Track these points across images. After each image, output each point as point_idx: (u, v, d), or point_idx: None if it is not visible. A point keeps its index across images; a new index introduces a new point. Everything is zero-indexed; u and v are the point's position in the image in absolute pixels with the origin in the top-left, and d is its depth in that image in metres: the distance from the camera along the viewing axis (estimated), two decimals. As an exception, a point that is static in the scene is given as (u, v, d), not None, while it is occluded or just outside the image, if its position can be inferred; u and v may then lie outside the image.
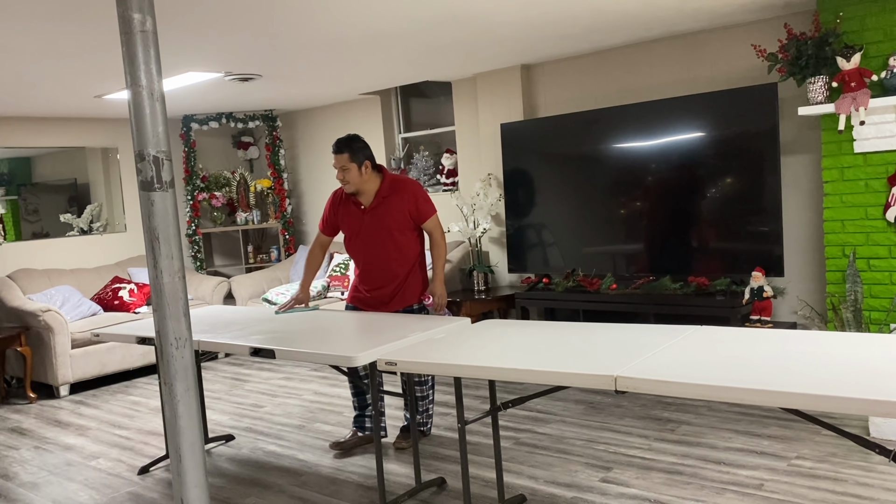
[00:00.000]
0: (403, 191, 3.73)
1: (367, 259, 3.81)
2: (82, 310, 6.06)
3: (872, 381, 1.96)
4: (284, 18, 3.80)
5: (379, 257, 3.76)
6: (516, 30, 4.51)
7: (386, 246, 3.74)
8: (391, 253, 3.74)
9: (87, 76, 4.85)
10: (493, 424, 3.07)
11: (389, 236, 3.73)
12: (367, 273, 3.83)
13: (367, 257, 3.80)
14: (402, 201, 3.72)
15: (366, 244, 3.78)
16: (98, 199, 7.03)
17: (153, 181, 2.07)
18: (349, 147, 3.68)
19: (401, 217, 3.73)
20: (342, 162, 3.68)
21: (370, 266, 3.81)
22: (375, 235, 3.74)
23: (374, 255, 3.77)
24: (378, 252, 3.76)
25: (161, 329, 2.10)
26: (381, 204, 3.72)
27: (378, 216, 3.73)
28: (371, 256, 3.78)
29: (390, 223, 3.72)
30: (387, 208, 3.72)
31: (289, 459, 3.93)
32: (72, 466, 4.07)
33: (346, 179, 3.69)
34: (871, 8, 3.98)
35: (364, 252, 3.80)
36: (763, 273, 4.47)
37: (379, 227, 3.72)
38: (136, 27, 2.02)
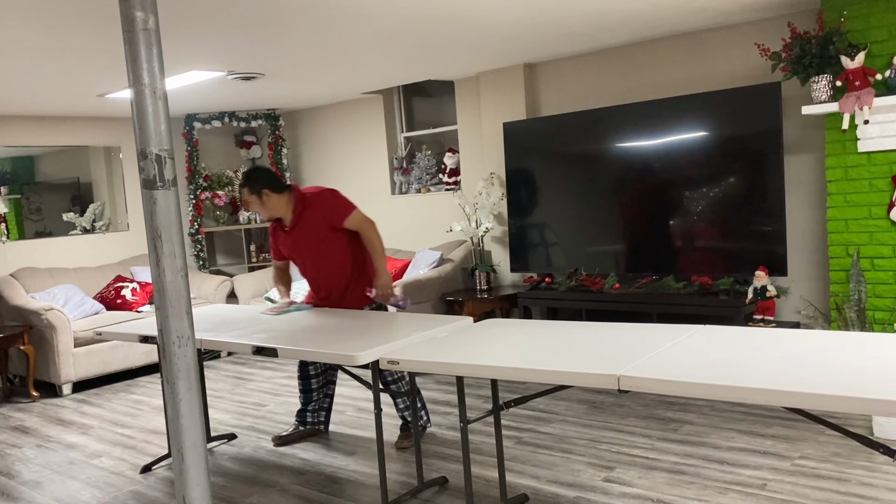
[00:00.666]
0: (313, 205, 3.88)
1: (308, 273, 4.01)
2: (85, 308, 6.06)
3: (876, 380, 1.95)
4: (287, 17, 3.80)
5: (316, 269, 3.96)
6: (519, 28, 4.51)
7: (318, 258, 3.92)
8: (326, 263, 3.93)
9: (90, 75, 4.85)
10: (496, 424, 3.06)
11: (318, 249, 3.90)
12: (312, 284, 4.04)
13: (307, 271, 4.01)
14: (315, 215, 3.87)
15: (303, 261, 3.99)
16: (101, 198, 7.04)
17: (156, 179, 2.06)
18: (248, 182, 3.89)
19: (321, 229, 3.88)
20: (245, 196, 3.91)
21: (313, 278, 4.02)
22: (306, 251, 3.93)
23: (312, 268, 3.98)
24: (314, 265, 3.95)
25: (163, 327, 2.10)
26: (299, 221, 3.90)
27: (301, 233, 3.91)
28: (311, 270, 3.99)
29: (314, 237, 3.90)
30: (305, 224, 3.89)
31: (291, 458, 3.93)
32: (74, 465, 4.08)
33: (256, 210, 3.92)
34: (875, 7, 3.97)
35: (303, 267, 4.01)
36: (766, 272, 4.46)
37: (307, 242, 3.91)
38: (138, 25, 2.02)
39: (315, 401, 4.21)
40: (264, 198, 3.85)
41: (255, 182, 3.84)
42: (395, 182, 7.00)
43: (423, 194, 6.72)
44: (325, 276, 3.96)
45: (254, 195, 3.85)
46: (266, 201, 3.85)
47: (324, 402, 4.25)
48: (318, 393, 4.21)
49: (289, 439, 4.16)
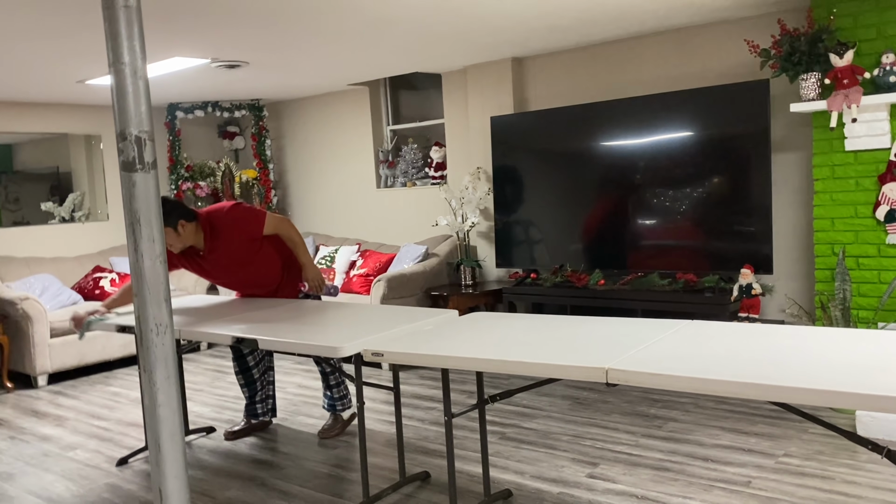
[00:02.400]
0: (224, 225, 3.75)
1: (236, 286, 4.01)
2: (62, 299, 5.96)
3: (861, 375, 1.93)
4: (272, 3, 3.73)
5: (245, 280, 3.94)
6: (508, 21, 4.46)
7: (245, 271, 3.88)
8: (254, 273, 3.90)
9: (69, 60, 4.75)
10: (480, 417, 3.02)
11: (243, 263, 3.85)
12: (244, 293, 4.05)
13: (234, 285, 4.00)
14: (230, 234, 3.76)
15: (228, 278, 3.94)
16: (80, 187, 6.92)
17: (135, 162, 1.99)
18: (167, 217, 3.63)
19: (240, 244, 3.79)
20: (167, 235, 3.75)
21: (244, 289, 4.02)
22: (230, 268, 3.87)
23: (240, 281, 3.96)
24: (243, 277, 3.92)
25: (141, 314, 2.03)
26: (214, 249, 3.77)
27: (220, 254, 3.79)
28: (239, 283, 3.98)
29: (235, 254, 3.80)
30: (221, 245, 3.77)
31: (271, 452, 3.87)
32: (48, 457, 3.99)
33: (169, 243, 3.66)
34: (864, 5, 3.96)
35: (229, 283, 3.98)
36: (752, 270, 4.46)
37: (228, 261, 3.82)
38: (119, 2, 1.95)
39: (260, 391, 4.20)
40: (180, 229, 3.64)
41: (169, 215, 3.54)
42: (380, 175, 6.94)
43: (409, 188, 6.67)
44: (256, 285, 3.97)
45: (168, 228, 3.57)
46: (182, 232, 3.65)
47: (268, 390, 4.24)
48: (260, 383, 4.19)
49: (241, 433, 4.15)
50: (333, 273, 6.44)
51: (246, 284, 3.99)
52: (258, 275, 3.92)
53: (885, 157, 3.98)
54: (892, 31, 3.91)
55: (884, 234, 4.03)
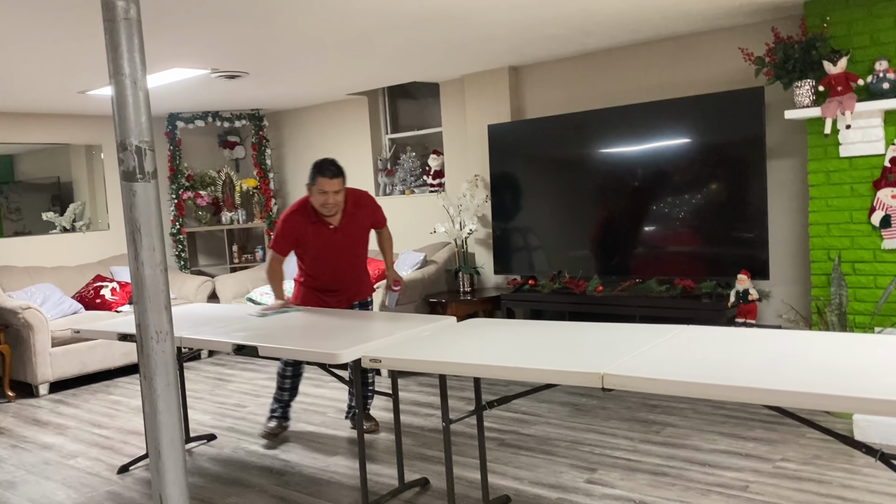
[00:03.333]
0: (365, 204, 3.91)
1: (332, 271, 3.94)
2: (63, 308, 5.98)
3: (857, 379, 1.96)
4: (272, 14, 3.77)
5: (342, 268, 3.95)
6: (505, 29, 4.50)
7: (351, 257, 3.95)
8: (353, 262, 3.98)
9: (70, 71, 4.79)
10: (478, 423, 3.04)
11: (354, 248, 3.94)
12: (333, 282, 3.96)
13: (332, 270, 3.94)
14: (365, 215, 3.91)
15: (335, 259, 3.91)
16: (81, 197, 6.95)
17: (135, 171, 2.03)
18: (342, 170, 3.75)
19: (365, 229, 3.98)
20: (337, 186, 3.72)
21: (333, 276, 3.95)
22: (343, 250, 3.89)
23: (339, 267, 3.94)
24: (343, 263, 3.94)
25: (142, 322, 2.06)
26: (349, 221, 3.85)
27: (347, 232, 3.86)
28: (336, 269, 3.94)
29: (357, 237, 3.93)
30: (354, 224, 3.88)
31: (271, 459, 3.89)
32: (50, 465, 4.01)
33: (336, 204, 3.75)
34: (857, 13, 4.00)
35: (331, 266, 3.93)
36: (748, 276, 4.48)
37: (348, 242, 3.89)
38: (119, 14, 1.99)
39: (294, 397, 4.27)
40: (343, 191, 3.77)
41: (344, 173, 3.75)
42: (379, 183, 6.97)
43: (408, 196, 6.70)
44: (348, 274, 3.98)
45: (343, 186, 3.74)
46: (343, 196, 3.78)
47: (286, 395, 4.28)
48: (297, 389, 4.26)
49: (279, 436, 4.18)
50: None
51: (344, 275, 3.96)
52: (351, 269, 3.98)
53: (879, 162, 4.02)
54: (885, 38, 3.94)
55: (879, 239, 4.05)
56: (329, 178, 3.70)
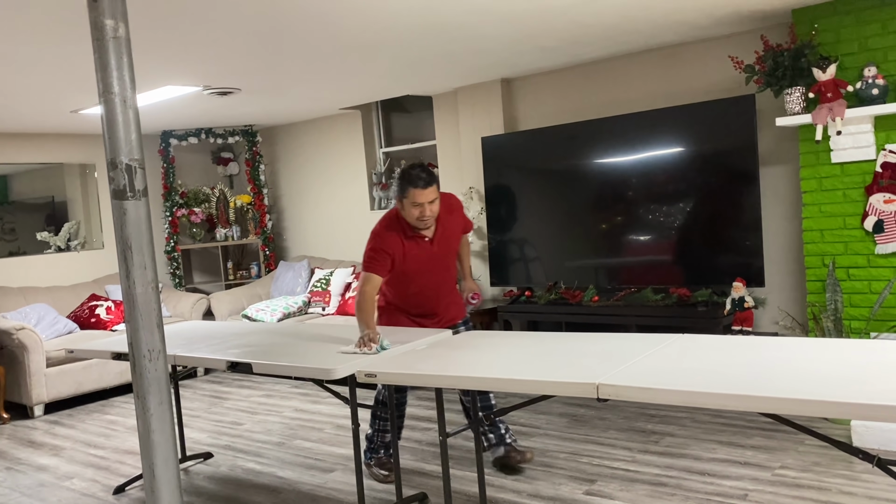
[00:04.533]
0: (455, 208, 3.43)
1: (430, 290, 3.44)
2: (58, 328, 5.96)
3: (854, 385, 1.95)
4: (263, 30, 3.78)
5: (439, 285, 3.46)
6: (497, 42, 4.52)
7: (445, 271, 3.45)
8: (448, 278, 3.48)
9: (63, 90, 4.80)
10: (476, 437, 3.03)
11: (449, 260, 3.44)
12: (422, 302, 3.46)
13: (430, 288, 3.44)
14: (456, 220, 3.43)
15: (434, 276, 3.41)
16: (76, 216, 6.94)
17: (126, 190, 2.02)
18: (434, 176, 3.26)
19: (458, 237, 3.47)
20: (432, 195, 3.22)
21: (430, 296, 3.46)
22: (440, 265, 3.40)
23: (436, 284, 3.44)
24: (440, 280, 3.44)
25: (134, 341, 2.05)
26: (444, 230, 3.36)
27: (443, 244, 3.38)
28: (434, 287, 3.44)
29: (452, 247, 3.42)
30: (448, 233, 3.38)
31: (268, 477, 3.86)
32: (45, 487, 3.97)
33: (433, 214, 3.26)
34: (845, 20, 4.03)
35: (430, 284, 3.42)
36: (744, 283, 4.48)
37: (444, 254, 3.39)
38: (108, 33, 1.99)
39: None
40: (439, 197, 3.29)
41: (437, 177, 3.28)
42: (374, 197, 6.98)
43: (402, 210, 6.69)
44: (448, 292, 3.52)
45: (438, 193, 3.25)
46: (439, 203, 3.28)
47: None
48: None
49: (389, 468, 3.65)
50: (329, 296, 6.45)
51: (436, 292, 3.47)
52: (444, 283, 3.49)
53: (870, 168, 4.03)
54: (873, 44, 3.97)
55: (872, 244, 4.06)
56: (423, 189, 3.19)
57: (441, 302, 3.50)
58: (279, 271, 7.01)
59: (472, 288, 3.67)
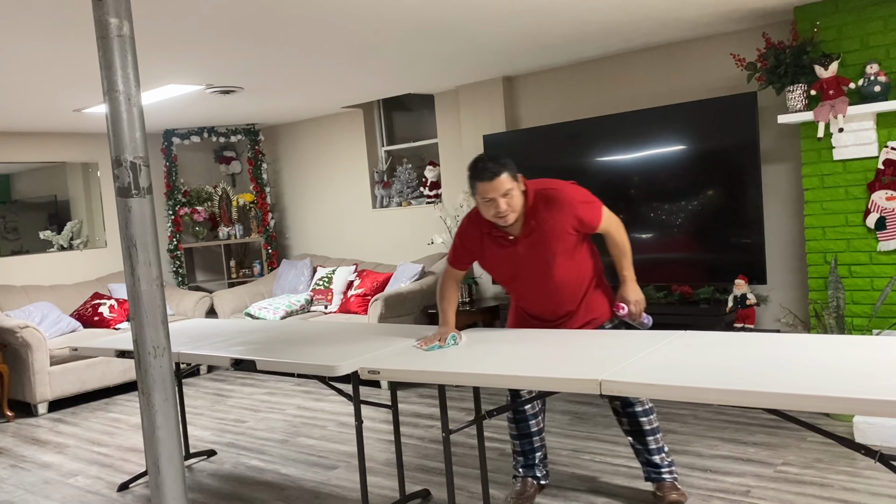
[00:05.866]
0: (557, 205, 2.87)
1: (529, 293, 3.03)
2: (61, 326, 5.97)
3: (857, 380, 1.96)
4: (266, 29, 3.79)
5: (538, 289, 2.98)
6: (498, 41, 4.53)
7: (553, 277, 2.93)
8: (562, 282, 2.95)
9: (66, 89, 4.81)
10: (478, 433, 3.04)
11: (554, 264, 2.91)
12: (533, 306, 3.07)
13: (529, 291, 3.03)
14: (560, 218, 2.87)
15: (528, 281, 2.98)
16: (79, 215, 6.96)
17: (130, 187, 2.03)
18: (503, 165, 2.83)
19: (563, 237, 2.89)
20: (504, 187, 2.79)
21: (533, 299, 3.04)
22: (535, 269, 2.93)
23: (534, 288, 2.99)
24: (536, 283, 2.97)
25: (139, 338, 2.06)
26: (533, 230, 2.88)
27: (534, 245, 2.89)
28: (533, 290, 3.00)
29: (552, 249, 2.89)
30: (542, 233, 2.88)
31: (271, 474, 3.88)
32: (49, 484, 3.99)
33: (511, 208, 2.82)
34: (847, 17, 4.03)
35: (528, 290, 3.02)
36: (746, 281, 4.49)
37: (541, 255, 2.90)
38: (112, 32, 2.00)
39: (540, 448, 3.26)
40: (521, 186, 2.87)
41: (511, 164, 2.86)
42: (376, 196, 6.98)
43: (405, 208, 6.71)
44: (560, 297, 2.98)
45: (515, 183, 2.84)
46: (521, 193, 2.86)
47: (544, 443, 3.33)
48: (539, 436, 3.26)
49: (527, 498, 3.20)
50: (331, 294, 6.46)
51: (542, 297, 3.00)
52: (567, 286, 2.96)
53: (872, 165, 4.03)
54: (875, 41, 3.97)
55: (875, 241, 4.06)
56: (488, 182, 2.80)
57: (549, 307, 3.02)
58: (281, 270, 7.03)
59: (622, 296, 3.06)
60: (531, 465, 3.26)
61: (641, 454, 3.12)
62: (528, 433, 3.22)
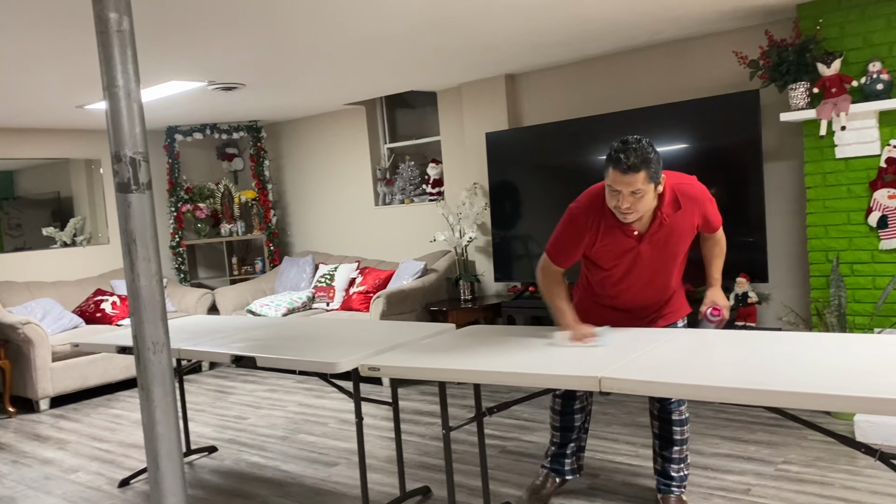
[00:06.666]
0: (691, 200, 2.70)
1: (627, 289, 2.85)
2: (63, 322, 5.98)
3: (858, 379, 1.95)
4: (268, 25, 3.79)
5: (642, 287, 2.84)
6: (501, 38, 4.52)
7: (663, 273, 2.81)
8: (661, 280, 2.83)
9: (68, 85, 4.81)
10: (479, 430, 3.03)
11: (672, 261, 2.78)
12: (617, 299, 2.90)
13: (628, 288, 2.85)
14: (690, 214, 2.70)
15: (635, 277, 2.81)
16: (81, 212, 6.97)
17: (130, 183, 2.03)
18: (647, 163, 2.52)
19: (687, 236, 2.74)
20: (636, 185, 2.53)
21: (628, 296, 2.88)
22: (647, 266, 2.77)
23: (638, 285, 2.83)
24: (644, 282, 2.82)
25: (138, 333, 2.06)
26: (661, 227, 2.68)
27: (660, 242, 2.71)
28: (635, 287, 2.84)
29: (676, 248, 2.74)
30: (671, 230, 2.69)
31: (272, 470, 3.88)
32: (50, 480, 4.00)
33: (634, 209, 2.58)
34: (850, 15, 4.02)
35: (629, 283, 2.83)
36: (748, 279, 4.48)
37: (661, 255, 2.74)
38: (112, 27, 2.00)
39: (576, 440, 3.20)
40: (657, 189, 2.60)
41: (657, 164, 2.56)
42: (378, 193, 6.98)
43: (407, 205, 6.71)
44: (656, 296, 2.87)
45: (651, 184, 2.56)
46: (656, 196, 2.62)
47: (583, 441, 3.25)
48: (579, 430, 3.19)
49: (544, 495, 3.17)
50: (333, 291, 6.47)
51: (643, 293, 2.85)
52: (661, 286, 2.84)
53: (875, 163, 4.02)
54: (878, 39, 3.96)
55: (877, 239, 4.05)
56: (622, 174, 2.52)
57: (642, 303, 2.89)
58: (283, 267, 7.03)
59: (713, 300, 2.88)
60: (562, 455, 3.19)
61: (659, 461, 3.03)
62: (571, 427, 3.15)
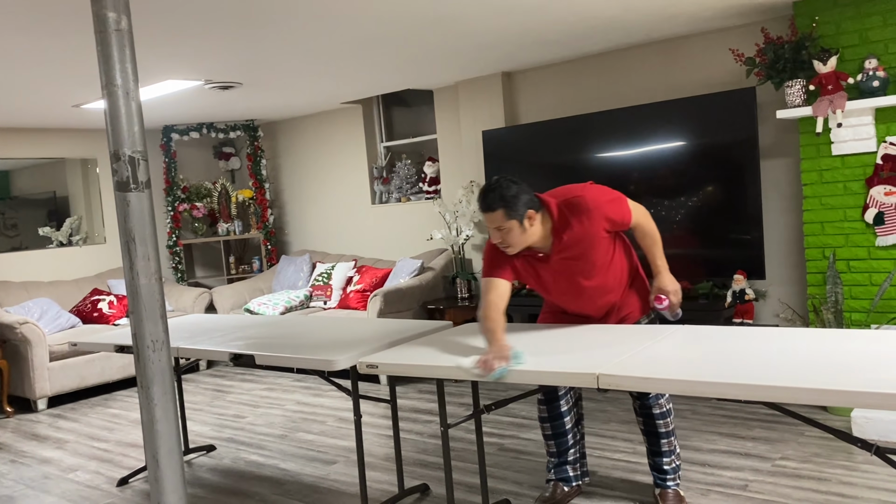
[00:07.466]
0: (584, 212, 2.73)
1: (571, 301, 2.94)
2: (61, 322, 5.98)
3: (855, 374, 1.96)
4: (265, 24, 3.79)
5: (587, 296, 2.89)
6: (497, 36, 4.52)
7: (597, 279, 2.85)
8: (601, 286, 2.87)
9: (64, 84, 4.81)
10: (477, 428, 3.04)
11: (599, 269, 2.83)
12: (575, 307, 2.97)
13: (570, 299, 2.94)
14: (591, 225, 2.74)
15: (566, 291, 2.89)
16: (78, 211, 6.96)
17: (129, 181, 2.03)
18: (502, 201, 2.66)
19: (599, 242, 2.78)
20: (496, 222, 2.69)
21: (575, 307, 2.96)
22: (573, 280, 2.83)
23: (580, 296, 2.89)
24: (584, 292, 2.87)
25: (138, 332, 2.06)
26: (566, 245, 2.76)
27: (573, 256, 2.78)
28: (577, 298, 2.91)
29: (594, 256, 2.79)
30: (578, 242, 2.75)
31: (270, 469, 3.88)
32: (49, 479, 4.00)
33: (506, 243, 2.72)
34: (846, 12, 4.03)
35: (567, 297, 2.93)
36: (745, 276, 4.49)
37: (581, 266, 2.80)
38: (110, 26, 2.00)
39: (574, 445, 3.17)
40: (527, 222, 2.70)
41: (515, 200, 2.67)
42: (375, 192, 6.99)
43: (404, 203, 6.71)
44: (597, 298, 2.90)
45: (513, 220, 2.67)
46: (528, 227, 2.70)
47: (582, 446, 3.25)
48: (574, 435, 3.17)
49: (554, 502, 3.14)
50: (330, 290, 6.47)
51: (583, 302, 2.92)
52: (605, 286, 2.88)
53: (871, 160, 4.03)
54: (874, 36, 3.97)
55: (873, 236, 4.07)
56: (483, 212, 2.73)
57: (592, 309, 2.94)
58: (281, 266, 7.03)
59: (661, 288, 2.90)
60: (563, 464, 3.16)
61: (651, 456, 3.07)
62: (563, 431, 3.12)
